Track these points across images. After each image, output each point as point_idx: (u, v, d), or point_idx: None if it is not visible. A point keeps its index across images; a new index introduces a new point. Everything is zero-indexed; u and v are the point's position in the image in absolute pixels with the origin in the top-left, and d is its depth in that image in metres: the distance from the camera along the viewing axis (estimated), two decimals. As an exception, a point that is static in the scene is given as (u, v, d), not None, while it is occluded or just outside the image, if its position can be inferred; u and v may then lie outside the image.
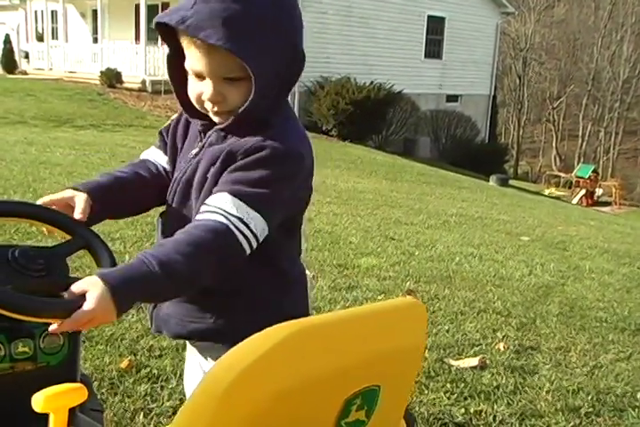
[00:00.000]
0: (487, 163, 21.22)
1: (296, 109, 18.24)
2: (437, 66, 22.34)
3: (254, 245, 1.32)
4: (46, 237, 1.46)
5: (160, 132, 1.61)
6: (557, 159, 42.35)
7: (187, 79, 1.42)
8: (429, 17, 21.62)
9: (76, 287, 1.17)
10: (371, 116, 17.98)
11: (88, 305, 1.14)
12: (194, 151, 1.46)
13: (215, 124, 1.44)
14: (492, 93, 25.38)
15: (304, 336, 0.95)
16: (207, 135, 1.46)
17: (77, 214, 1.40)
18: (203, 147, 1.45)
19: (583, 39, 43.89)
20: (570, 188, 26.69)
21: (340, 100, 17.68)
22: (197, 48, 1.32)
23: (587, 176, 25.89)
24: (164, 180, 1.56)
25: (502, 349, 3.37)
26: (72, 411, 1.13)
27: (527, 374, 3.09)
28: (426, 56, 21.94)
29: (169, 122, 1.60)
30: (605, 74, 42.62)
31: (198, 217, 1.32)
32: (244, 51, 1.29)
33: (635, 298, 5.00)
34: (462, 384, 2.84)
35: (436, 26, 21.91)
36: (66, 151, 10.03)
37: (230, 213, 1.29)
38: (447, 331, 3.52)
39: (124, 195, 1.52)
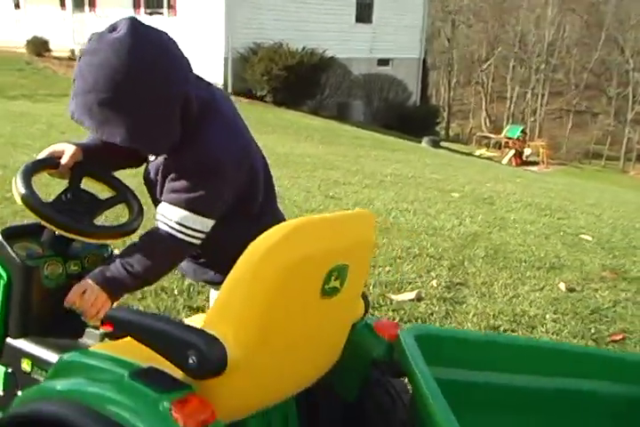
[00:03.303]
0: (419, 125, 21.74)
1: (230, 76, 18.33)
2: (368, 30, 22.62)
3: (201, 236, 1.73)
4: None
5: None
6: (487, 121, 43.44)
7: None
8: (359, -20, 21.79)
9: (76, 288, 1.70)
10: (304, 82, 18.20)
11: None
12: (152, 158, 1.84)
13: None
14: (423, 57, 25.84)
15: (303, 227, 1.42)
16: None
17: (64, 160, 1.85)
18: (153, 160, 1.84)
19: (510, 2, 44.75)
20: (500, 148, 27.56)
21: (273, 66, 17.82)
22: None
23: (515, 137, 26.73)
24: None
25: (435, 285, 3.87)
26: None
27: (457, 303, 3.60)
28: (357, 21, 22.17)
29: None
30: (531, 36, 43.67)
31: (154, 226, 1.74)
32: (117, 136, 1.62)
33: (551, 243, 5.59)
34: (402, 312, 3.32)
35: (366, -11, 22.13)
36: (2, 123, 10.00)
37: (170, 219, 1.69)
38: (387, 272, 3.99)
39: (107, 150, 1.89)
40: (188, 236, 1.70)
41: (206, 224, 1.71)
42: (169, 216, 1.69)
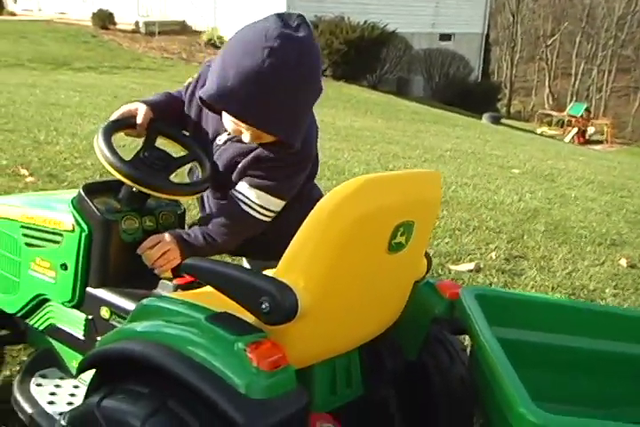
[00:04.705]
0: (480, 101, 21.39)
1: (290, 50, 18.29)
2: (431, 4, 22.24)
3: (273, 215, 1.88)
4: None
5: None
6: (550, 98, 42.36)
7: None
8: (423, -47, 21.39)
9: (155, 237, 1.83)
10: (365, 56, 18.09)
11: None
12: (222, 138, 1.92)
13: None
14: (486, 32, 25.31)
15: (373, 183, 1.48)
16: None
17: (139, 119, 1.92)
18: (230, 139, 1.90)
19: (578, -26, 43.23)
20: (562, 126, 26.88)
21: (334, 39, 17.75)
22: (247, 125, 1.70)
23: (579, 115, 26.01)
24: None
25: (494, 257, 3.88)
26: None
27: (515, 275, 3.62)
28: (419, -6, 21.83)
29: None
30: (600, 10, 42.16)
31: (232, 203, 1.86)
32: (292, 136, 1.71)
33: (613, 220, 5.51)
34: (461, 282, 3.36)
35: (429, -38, 21.72)
36: (70, 93, 10.26)
37: (254, 202, 1.84)
38: (446, 243, 4.02)
39: (175, 109, 2.03)
40: (266, 216, 1.87)
41: (281, 205, 1.88)
42: (253, 199, 1.84)
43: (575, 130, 25.19)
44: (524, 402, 1.32)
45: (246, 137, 1.77)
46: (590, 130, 26.37)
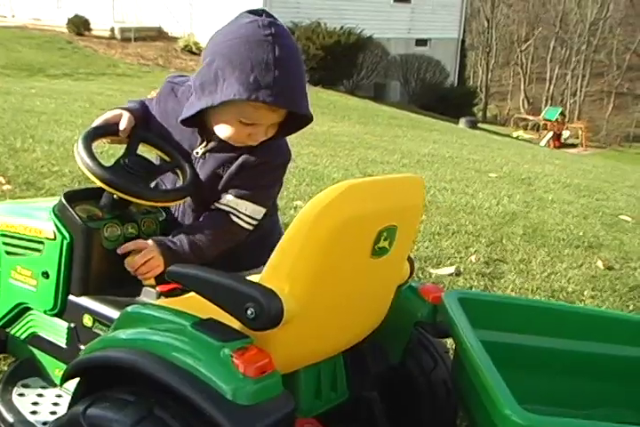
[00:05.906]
0: (456, 106, 21.57)
1: (268, 55, 18.30)
2: (406, 10, 22.40)
3: (256, 224, 1.91)
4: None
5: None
6: (525, 102, 42.79)
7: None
8: (398, -41, 21.55)
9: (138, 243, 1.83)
10: (341, 62, 18.16)
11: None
12: (199, 151, 1.92)
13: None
14: (461, 37, 25.53)
15: (357, 188, 1.50)
16: (212, 143, 1.91)
17: (122, 126, 1.92)
18: (208, 151, 1.91)
19: (551, -20, 43.78)
20: (538, 130, 27.19)
21: (310, 45, 17.80)
22: (269, 110, 1.73)
23: (554, 119, 26.35)
24: None
25: (474, 260, 3.92)
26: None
27: (495, 278, 3.66)
28: (395, 0, 21.97)
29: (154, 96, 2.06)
30: (573, 16, 42.73)
31: (219, 213, 1.88)
32: (308, 108, 1.79)
33: (590, 223, 5.58)
34: (441, 286, 3.36)
35: (404, -32, 21.87)
36: (46, 100, 10.17)
37: (243, 213, 1.87)
38: (426, 247, 4.05)
39: (148, 115, 2.02)
40: (251, 225, 1.90)
41: (263, 213, 1.92)
42: (241, 210, 1.87)
43: (550, 134, 25.51)
44: (509, 404, 1.34)
45: (256, 135, 1.79)
46: (565, 134, 26.73)
